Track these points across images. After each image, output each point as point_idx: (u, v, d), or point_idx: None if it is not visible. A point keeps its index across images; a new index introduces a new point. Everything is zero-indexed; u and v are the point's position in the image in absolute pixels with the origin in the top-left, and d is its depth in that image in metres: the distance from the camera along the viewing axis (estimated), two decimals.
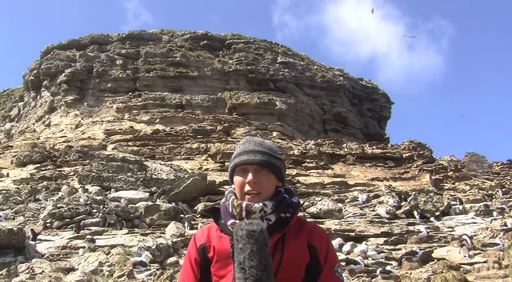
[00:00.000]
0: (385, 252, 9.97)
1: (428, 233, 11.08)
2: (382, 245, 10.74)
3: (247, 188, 1.83)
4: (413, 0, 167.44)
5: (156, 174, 16.22)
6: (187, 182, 14.40)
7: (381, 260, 9.47)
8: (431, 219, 12.92)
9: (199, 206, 13.50)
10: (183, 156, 21.15)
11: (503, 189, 17.01)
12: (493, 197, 16.07)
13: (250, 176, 1.83)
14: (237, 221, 1.79)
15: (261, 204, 1.80)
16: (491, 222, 12.19)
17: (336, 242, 10.00)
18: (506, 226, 11.44)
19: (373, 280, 8.13)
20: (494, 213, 12.99)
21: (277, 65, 31.36)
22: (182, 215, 12.77)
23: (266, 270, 1.56)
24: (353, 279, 8.15)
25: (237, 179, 1.88)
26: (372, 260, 9.54)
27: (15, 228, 9.77)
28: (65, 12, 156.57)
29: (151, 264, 8.79)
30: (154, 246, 9.45)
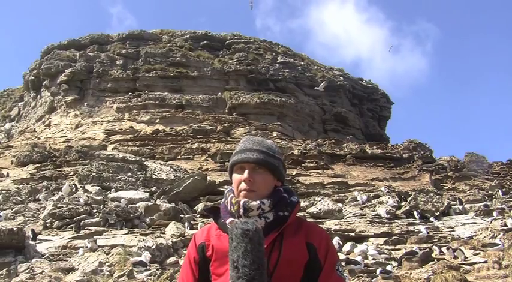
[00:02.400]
0: (385, 253, 9.96)
1: (428, 233, 11.07)
2: (382, 245, 10.74)
3: (242, 185, 1.84)
4: (397, 4, 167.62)
5: (156, 174, 16.22)
6: (187, 182, 14.40)
7: (381, 260, 9.47)
8: (431, 219, 12.91)
9: (199, 206, 13.50)
10: (183, 156, 21.15)
11: (503, 190, 17.01)
12: (493, 197, 16.07)
13: (245, 174, 1.84)
14: (236, 219, 1.80)
15: (258, 202, 1.80)
16: (491, 222, 12.19)
17: (334, 242, 9.99)
18: (506, 226, 11.44)
19: (373, 280, 8.13)
20: (494, 214, 12.98)
21: (277, 65, 31.36)
22: (182, 215, 12.77)
23: (259, 269, 1.55)
24: (353, 279, 8.15)
25: (235, 176, 1.89)
26: (372, 259, 9.54)
27: (15, 228, 9.77)
28: (48, 18, 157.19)
29: (151, 264, 8.79)
30: (154, 246, 9.45)
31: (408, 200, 13.85)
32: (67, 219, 11.65)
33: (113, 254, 9.30)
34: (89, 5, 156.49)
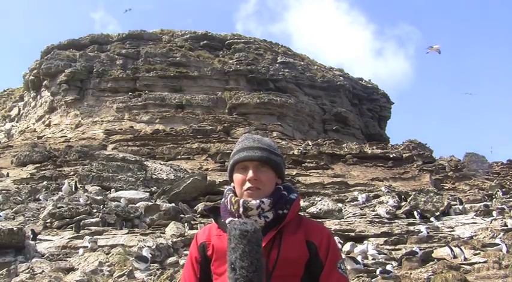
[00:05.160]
0: (385, 253, 9.96)
1: (428, 233, 11.06)
2: (382, 245, 10.73)
3: (247, 185, 1.82)
4: (378, 7, 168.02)
5: (156, 174, 16.21)
6: (187, 182, 14.39)
7: (381, 260, 9.47)
8: (431, 219, 12.90)
9: (199, 206, 13.50)
10: (183, 156, 21.15)
11: (503, 190, 17.01)
12: (493, 197, 16.06)
13: (250, 173, 1.82)
14: (235, 219, 1.78)
15: (258, 201, 1.79)
16: (491, 222, 12.18)
17: None
18: (506, 226, 11.43)
19: (373, 280, 8.12)
20: (494, 213, 12.96)
21: (277, 65, 31.36)
22: (182, 215, 12.76)
23: (257, 271, 1.53)
24: (353, 279, 8.14)
25: (237, 176, 1.86)
26: (372, 259, 9.53)
27: (15, 228, 9.76)
28: (30, 25, 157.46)
29: (152, 264, 8.78)
30: (154, 246, 9.44)
31: (408, 200, 13.84)
32: (67, 219, 11.65)
33: (112, 254, 9.29)
34: (71, 11, 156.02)
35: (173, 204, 13.08)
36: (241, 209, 1.79)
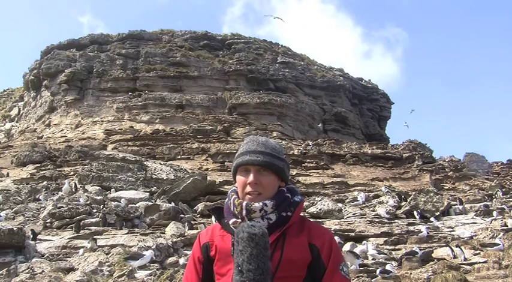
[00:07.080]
0: (385, 253, 9.96)
1: (428, 233, 11.06)
2: (382, 245, 10.73)
3: (248, 188, 1.83)
4: (365, 9, 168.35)
5: (156, 174, 16.21)
6: (187, 182, 14.39)
7: (381, 260, 9.47)
8: (431, 219, 12.90)
9: (199, 206, 13.50)
10: (183, 156, 21.14)
11: (503, 190, 17.00)
12: (493, 197, 16.06)
13: (251, 177, 1.83)
14: (239, 220, 1.80)
15: (261, 203, 1.80)
16: (491, 222, 12.18)
17: None
18: (506, 226, 11.43)
19: (373, 280, 8.12)
20: (494, 213, 12.95)
21: (277, 65, 31.37)
22: (182, 215, 12.76)
23: (263, 274, 1.54)
24: (353, 279, 8.14)
25: (239, 178, 1.88)
26: (372, 259, 9.54)
27: (15, 228, 9.76)
28: (30, 25, 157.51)
29: (152, 264, 8.78)
30: (154, 246, 9.44)
31: (408, 200, 13.83)
32: (67, 219, 11.64)
33: (112, 254, 9.29)
34: (59, 15, 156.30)
35: (173, 204, 13.07)
36: (244, 212, 1.80)
